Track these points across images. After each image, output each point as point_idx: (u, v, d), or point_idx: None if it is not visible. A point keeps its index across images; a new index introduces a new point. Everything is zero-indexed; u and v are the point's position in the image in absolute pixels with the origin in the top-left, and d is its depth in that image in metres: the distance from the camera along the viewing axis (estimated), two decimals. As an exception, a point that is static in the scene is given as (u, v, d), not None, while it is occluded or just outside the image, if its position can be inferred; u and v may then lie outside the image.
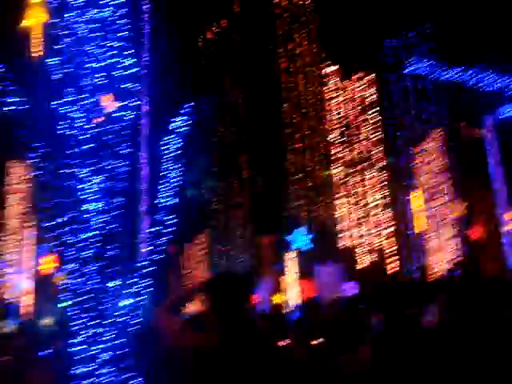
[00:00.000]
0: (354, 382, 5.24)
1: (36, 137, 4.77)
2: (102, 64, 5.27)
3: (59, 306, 4.85)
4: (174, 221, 5.30)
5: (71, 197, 4.71)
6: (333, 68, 32.79)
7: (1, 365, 6.71)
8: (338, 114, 31.83)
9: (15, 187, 23.96)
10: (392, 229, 29.04)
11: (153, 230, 5.21)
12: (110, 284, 4.66)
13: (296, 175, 33.03)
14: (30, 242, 24.56)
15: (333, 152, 31.94)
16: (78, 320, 4.65)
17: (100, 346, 4.74)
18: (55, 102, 4.88)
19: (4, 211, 23.81)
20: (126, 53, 5.29)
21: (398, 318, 5.73)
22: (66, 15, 5.08)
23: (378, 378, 4.92)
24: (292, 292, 27.22)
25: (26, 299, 24.09)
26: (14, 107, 4.91)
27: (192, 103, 5.75)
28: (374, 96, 31.08)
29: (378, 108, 30.70)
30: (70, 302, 4.63)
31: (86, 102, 5.09)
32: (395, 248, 28.49)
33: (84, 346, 4.72)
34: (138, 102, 5.54)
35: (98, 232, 4.74)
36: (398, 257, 28.36)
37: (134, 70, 5.39)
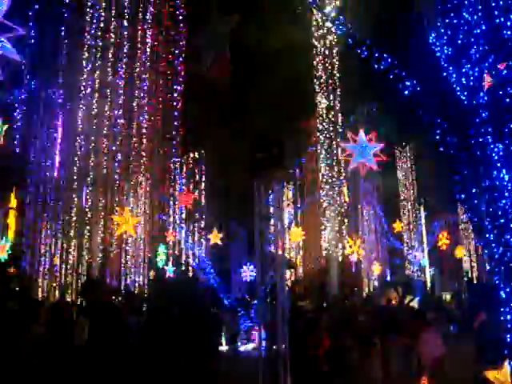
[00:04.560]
0: None
1: (436, 113, 4.87)
2: (484, 28, 5.10)
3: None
4: None
5: (482, 166, 4.65)
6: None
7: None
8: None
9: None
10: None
11: None
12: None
13: None
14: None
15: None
16: (506, 289, 4.57)
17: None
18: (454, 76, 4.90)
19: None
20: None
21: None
22: None
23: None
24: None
25: (427, 275, 25.03)
26: (408, 90, 5.13)
27: None
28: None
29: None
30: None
31: (476, 68, 4.99)
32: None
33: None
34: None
35: (513, 198, 4.56)
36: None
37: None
